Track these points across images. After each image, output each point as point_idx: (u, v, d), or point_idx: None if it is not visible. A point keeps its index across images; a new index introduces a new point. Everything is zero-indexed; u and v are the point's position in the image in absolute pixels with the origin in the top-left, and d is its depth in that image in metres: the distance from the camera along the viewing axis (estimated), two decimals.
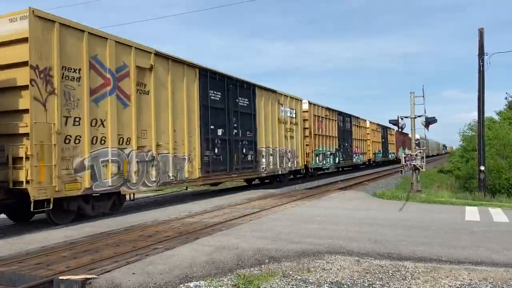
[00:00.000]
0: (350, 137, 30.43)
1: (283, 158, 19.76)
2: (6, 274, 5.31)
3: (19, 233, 8.29)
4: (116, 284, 4.80)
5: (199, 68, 13.63)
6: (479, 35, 17.59)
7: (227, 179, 15.72)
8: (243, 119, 16.26)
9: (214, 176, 14.36)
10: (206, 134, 13.85)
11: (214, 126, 14.35)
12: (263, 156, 17.64)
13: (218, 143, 14.53)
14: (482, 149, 17.83)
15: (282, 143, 19.65)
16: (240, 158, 15.82)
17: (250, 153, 16.64)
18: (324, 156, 24.74)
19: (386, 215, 9.99)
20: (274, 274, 5.25)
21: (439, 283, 4.87)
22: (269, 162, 18.13)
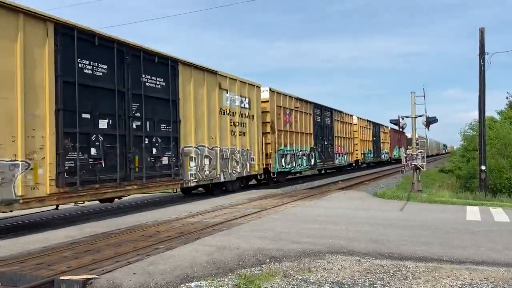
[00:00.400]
0: (331, 134, 26.41)
1: (228, 160, 15.09)
2: (7, 274, 5.32)
3: (20, 233, 8.30)
4: (117, 284, 4.81)
5: (55, 23, 8.99)
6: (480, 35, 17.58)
7: (119, 192, 10.53)
8: (155, 106, 11.71)
9: (89, 191, 9.57)
10: (70, 127, 9.17)
11: (91, 115, 9.74)
12: (193, 158, 13.16)
13: (99, 141, 9.88)
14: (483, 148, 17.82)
15: (227, 140, 15.09)
16: (147, 161, 11.26)
17: (168, 154, 12.12)
18: (293, 157, 20.82)
19: (387, 215, 9.98)
20: (275, 274, 5.25)
21: (440, 283, 4.87)
22: (203, 167, 13.68)
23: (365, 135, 35.70)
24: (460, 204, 12.45)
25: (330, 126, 26.45)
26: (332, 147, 26.47)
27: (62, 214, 11.59)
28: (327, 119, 25.91)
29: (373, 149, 37.71)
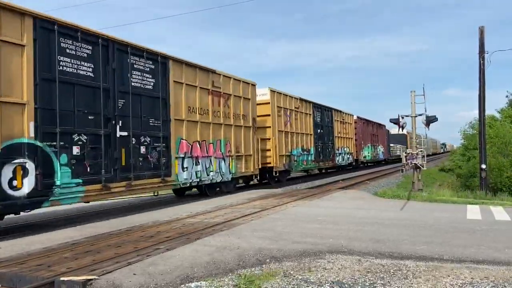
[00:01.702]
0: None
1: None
2: (7, 275, 5.32)
3: (20, 234, 8.30)
4: (117, 285, 4.80)
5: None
6: (480, 33, 17.56)
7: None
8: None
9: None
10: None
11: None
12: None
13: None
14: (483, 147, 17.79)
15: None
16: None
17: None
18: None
19: (388, 214, 9.98)
20: (275, 274, 5.25)
21: (441, 282, 4.86)
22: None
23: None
24: (460, 203, 12.44)
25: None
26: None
27: (62, 215, 11.59)
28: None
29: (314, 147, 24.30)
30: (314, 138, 23.60)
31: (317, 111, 24.58)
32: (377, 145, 39.91)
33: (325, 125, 25.53)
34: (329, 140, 26.20)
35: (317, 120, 24.37)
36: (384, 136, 43.32)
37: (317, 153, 24.03)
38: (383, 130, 43.17)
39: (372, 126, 38.31)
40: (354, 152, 31.68)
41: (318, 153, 24.12)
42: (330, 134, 26.49)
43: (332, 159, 26.50)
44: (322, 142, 24.98)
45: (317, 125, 24.20)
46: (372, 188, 18.74)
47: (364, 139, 35.18)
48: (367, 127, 36.34)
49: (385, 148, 43.40)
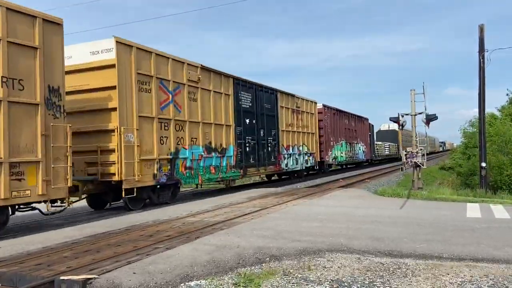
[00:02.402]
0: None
1: None
2: (7, 274, 5.33)
3: (20, 233, 8.30)
4: (117, 284, 4.81)
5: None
6: (480, 31, 17.52)
7: None
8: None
9: None
10: None
11: None
12: None
13: None
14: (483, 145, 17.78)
15: None
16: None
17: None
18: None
19: (387, 212, 9.98)
20: (275, 273, 5.25)
21: (440, 280, 4.86)
22: None
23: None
24: (460, 201, 12.44)
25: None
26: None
27: (62, 215, 11.59)
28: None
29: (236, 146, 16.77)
30: (236, 131, 16.18)
31: (245, 91, 17.05)
32: (356, 143, 32.08)
33: (261, 113, 18.13)
34: (270, 136, 18.78)
35: (245, 104, 16.92)
36: (366, 131, 35.42)
37: (243, 154, 16.54)
38: (364, 125, 35.09)
39: (348, 119, 30.34)
40: (317, 152, 24.19)
41: (244, 154, 16.63)
42: (272, 127, 19.12)
43: (275, 163, 19.19)
44: (254, 138, 17.52)
45: (244, 113, 16.79)
46: (372, 186, 18.75)
47: (336, 134, 27.21)
48: (340, 119, 28.31)
49: (368, 146, 36.03)
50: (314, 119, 24.11)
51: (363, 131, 34.78)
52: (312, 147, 23.62)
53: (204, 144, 14.17)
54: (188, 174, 13.29)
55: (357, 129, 32.86)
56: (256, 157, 17.62)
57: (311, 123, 23.69)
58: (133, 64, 11.37)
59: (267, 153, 18.55)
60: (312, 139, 23.82)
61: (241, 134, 16.59)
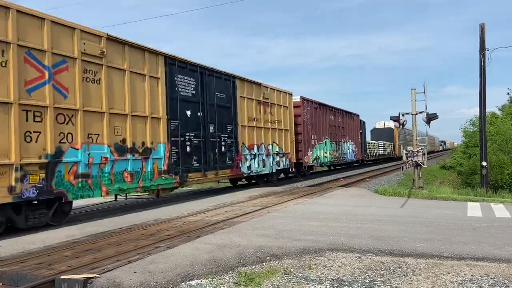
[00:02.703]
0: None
1: None
2: (8, 274, 5.33)
3: (21, 232, 8.31)
4: (118, 283, 4.81)
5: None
6: (480, 30, 17.51)
7: None
8: None
9: None
10: None
11: None
12: None
13: None
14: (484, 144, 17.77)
15: None
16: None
17: None
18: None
19: (388, 211, 9.98)
20: (276, 272, 5.25)
21: (441, 279, 4.86)
22: None
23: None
24: (461, 200, 12.44)
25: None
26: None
27: None
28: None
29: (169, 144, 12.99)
30: (170, 126, 12.49)
31: (185, 75, 13.23)
32: (344, 142, 28.77)
33: (210, 103, 14.31)
34: (224, 132, 15.04)
35: (185, 92, 13.18)
36: (356, 129, 32.19)
37: (180, 155, 12.70)
38: (354, 121, 31.82)
39: (334, 115, 27.00)
40: (292, 152, 20.68)
41: (182, 155, 12.79)
42: (228, 122, 15.35)
43: (233, 166, 15.39)
44: (200, 134, 13.65)
45: (183, 102, 13.07)
46: (373, 185, 18.76)
47: (318, 132, 23.91)
48: (323, 115, 24.94)
49: (359, 145, 32.89)
50: (289, 113, 20.41)
51: (353, 128, 31.30)
52: (286, 147, 19.86)
53: (112, 143, 10.38)
54: (81, 184, 9.46)
55: (346, 126, 29.31)
56: (202, 159, 13.62)
57: (284, 118, 19.86)
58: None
59: (220, 154, 14.74)
60: (286, 137, 20.00)
61: (177, 129, 12.67)
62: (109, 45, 10.52)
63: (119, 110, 10.69)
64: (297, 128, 21.62)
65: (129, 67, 11.06)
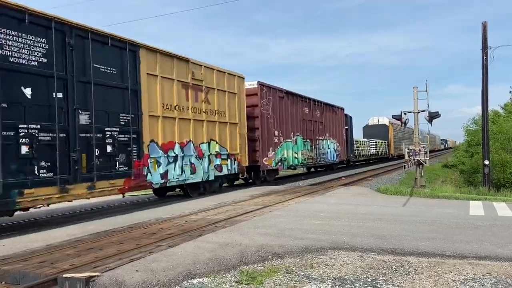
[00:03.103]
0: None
1: None
2: (10, 272, 5.34)
3: (23, 231, 8.33)
4: (120, 282, 4.82)
5: None
6: (482, 29, 17.46)
7: None
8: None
9: None
10: None
11: None
12: None
13: None
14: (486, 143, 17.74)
15: None
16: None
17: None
18: None
19: (390, 210, 9.96)
20: (277, 270, 5.26)
21: (443, 278, 4.86)
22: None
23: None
24: (463, 199, 12.43)
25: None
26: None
27: (64, 213, 11.63)
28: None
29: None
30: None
31: (21, 30, 8.39)
32: (322, 139, 24.28)
33: (79, 80, 9.56)
34: (114, 125, 10.39)
35: (17, 58, 8.24)
36: (340, 125, 27.67)
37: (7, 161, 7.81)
38: (338, 116, 27.36)
39: (309, 107, 22.56)
40: (244, 152, 15.96)
41: (13, 160, 7.96)
42: (123, 110, 10.68)
43: (129, 174, 10.67)
44: (55, 127, 8.81)
45: (15, 75, 8.17)
46: (375, 184, 18.76)
47: (285, 127, 19.61)
48: (293, 106, 20.69)
49: (343, 143, 28.38)
50: (238, 102, 15.62)
51: (336, 124, 26.76)
52: (232, 145, 15.16)
53: None
54: None
55: (326, 121, 25.01)
56: (60, 165, 8.83)
57: (231, 108, 15.15)
58: None
59: (104, 157, 9.99)
60: (234, 133, 15.28)
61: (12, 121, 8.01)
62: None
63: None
64: (253, 122, 17.20)
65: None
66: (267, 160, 17.81)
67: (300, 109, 21.59)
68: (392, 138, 46.60)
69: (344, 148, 28.77)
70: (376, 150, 40.88)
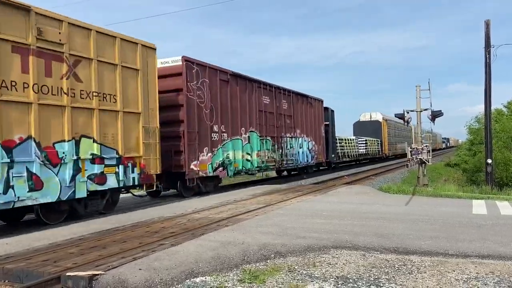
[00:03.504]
0: None
1: None
2: (14, 271, 5.37)
3: (26, 230, 8.36)
4: (123, 280, 4.83)
5: None
6: (485, 27, 17.40)
7: None
8: None
9: None
10: None
11: None
12: None
13: None
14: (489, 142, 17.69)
15: None
16: None
17: None
18: None
19: (392, 209, 9.95)
20: (280, 269, 5.26)
21: (446, 277, 4.85)
22: None
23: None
24: (466, 198, 12.39)
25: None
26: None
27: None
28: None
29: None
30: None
31: None
32: (291, 137, 20.11)
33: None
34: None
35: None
36: (317, 120, 23.45)
37: None
38: (314, 109, 23.14)
39: (269, 96, 18.24)
40: (153, 156, 11.45)
41: None
42: None
43: None
44: None
45: None
46: (377, 183, 18.73)
47: (230, 121, 15.45)
48: (244, 94, 16.38)
49: (320, 141, 24.06)
50: (143, 83, 11.21)
51: (311, 119, 22.45)
52: (130, 144, 10.83)
53: None
54: None
55: (296, 115, 20.62)
56: None
57: (128, 90, 10.80)
58: None
59: None
60: (135, 126, 10.99)
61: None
62: None
63: None
64: (176, 112, 13.15)
65: None
66: (198, 165, 13.45)
67: (256, 98, 17.04)
68: (386, 136, 42.38)
69: (323, 147, 24.34)
70: (366, 150, 35.87)
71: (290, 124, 20.10)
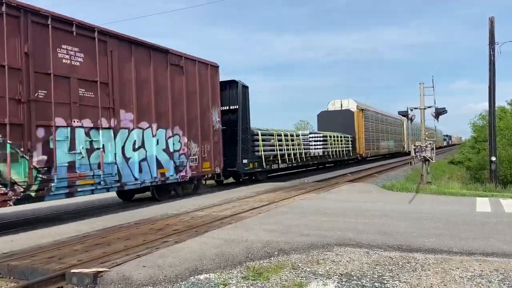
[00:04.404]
0: None
1: None
2: (19, 267, 5.40)
3: (31, 227, 8.41)
4: (127, 277, 4.85)
5: None
6: (489, 24, 17.29)
7: None
8: None
9: None
10: None
11: None
12: None
13: None
14: (493, 139, 17.60)
15: None
16: None
17: None
18: None
19: (396, 207, 9.94)
20: (284, 266, 5.27)
21: (450, 275, 4.84)
22: None
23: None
24: (470, 195, 12.35)
25: None
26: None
27: (72, 209, 11.71)
28: None
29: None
30: None
31: None
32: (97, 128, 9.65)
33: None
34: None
35: None
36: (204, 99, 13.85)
37: None
38: (192, 79, 13.34)
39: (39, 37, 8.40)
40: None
41: None
42: None
43: None
44: None
45: None
46: (380, 181, 18.69)
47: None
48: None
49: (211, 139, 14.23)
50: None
51: (184, 95, 12.89)
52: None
53: None
54: None
55: (127, 83, 10.77)
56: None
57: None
58: None
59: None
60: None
61: None
62: None
63: None
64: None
65: None
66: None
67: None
68: (362, 130, 31.21)
69: (218, 147, 14.81)
70: (325, 150, 24.49)
71: (96, 101, 9.75)
